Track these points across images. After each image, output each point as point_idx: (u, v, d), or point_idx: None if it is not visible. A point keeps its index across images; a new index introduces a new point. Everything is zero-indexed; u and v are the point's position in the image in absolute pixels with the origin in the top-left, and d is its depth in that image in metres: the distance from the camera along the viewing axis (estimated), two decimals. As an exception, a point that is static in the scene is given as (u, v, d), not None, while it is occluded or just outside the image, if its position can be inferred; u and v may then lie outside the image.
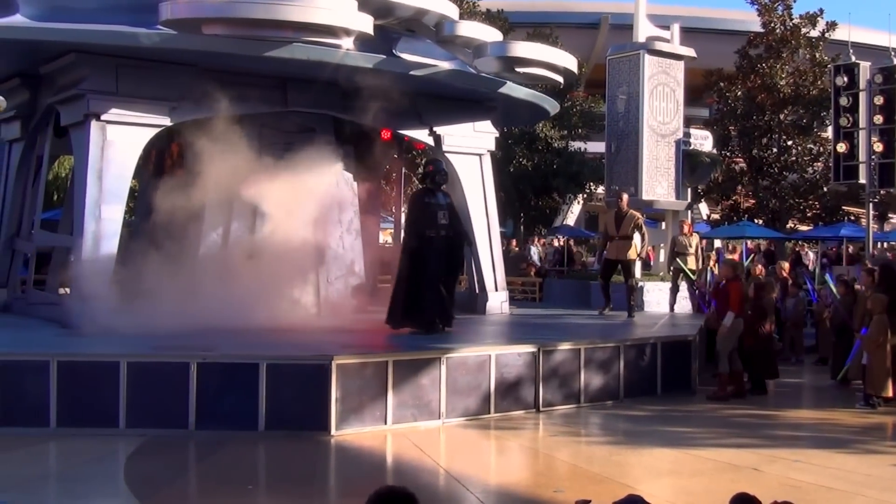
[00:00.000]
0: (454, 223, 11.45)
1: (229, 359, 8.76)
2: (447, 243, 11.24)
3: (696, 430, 9.31)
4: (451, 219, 11.39)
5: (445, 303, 11.26)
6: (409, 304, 11.07)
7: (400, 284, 11.22)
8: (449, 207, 11.44)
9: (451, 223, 11.34)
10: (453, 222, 11.42)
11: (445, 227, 11.21)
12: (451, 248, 11.34)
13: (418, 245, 11.07)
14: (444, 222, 11.20)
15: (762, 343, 11.74)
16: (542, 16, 35.08)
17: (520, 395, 9.84)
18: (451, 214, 11.41)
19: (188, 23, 10.69)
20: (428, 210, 11.18)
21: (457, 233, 11.48)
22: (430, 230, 11.08)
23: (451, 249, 11.34)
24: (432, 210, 11.19)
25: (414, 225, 11.29)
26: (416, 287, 11.03)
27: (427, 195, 11.40)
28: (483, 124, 14.70)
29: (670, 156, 17.37)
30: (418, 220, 11.23)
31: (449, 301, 11.37)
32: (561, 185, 28.75)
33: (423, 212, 11.20)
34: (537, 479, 7.66)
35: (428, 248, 11.04)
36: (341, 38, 10.90)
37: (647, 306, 15.88)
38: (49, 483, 7.33)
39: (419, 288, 11.03)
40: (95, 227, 11.29)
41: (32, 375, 8.39)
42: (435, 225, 11.12)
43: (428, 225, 11.10)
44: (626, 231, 14.30)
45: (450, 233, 11.29)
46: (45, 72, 12.31)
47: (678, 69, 17.59)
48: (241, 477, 7.42)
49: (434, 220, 11.13)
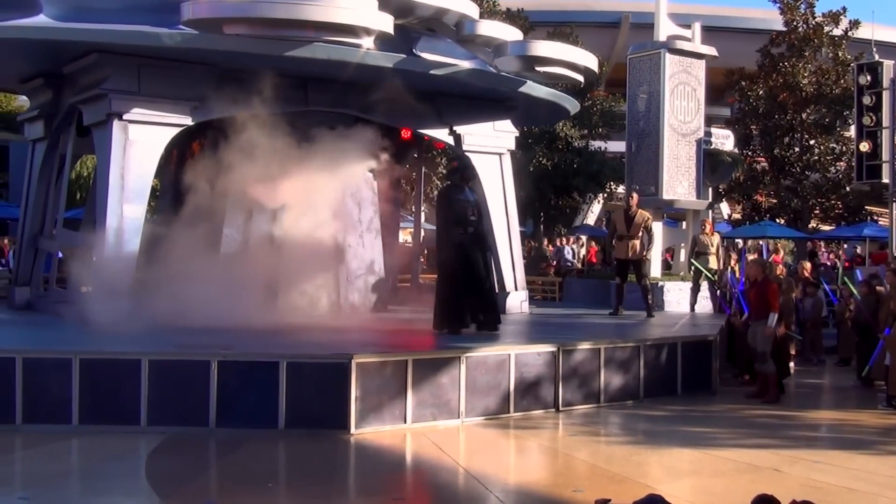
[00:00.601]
0: (481, 220, 11.41)
1: (250, 357, 8.80)
2: (476, 240, 11.19)
3: (716, 431, 9.26)
4: (479, 216, 11.35)
5: (490, 302, 11.24)
6: (456, 305, 10.99)
7: (444, 286, 11.13)
8: (476, 204, 11.40)
9: (478, 220, 11.29)
10: (480, 220, 11.39)
11: (475, 223, 11.15)
12: (481, 246, 11.30)
13: (454, 243, 11.00)
14: (474, 219, 11.14)
15: (778, 343, 11.66)
16: (563, 15, 35.06)
17: (539, 394, 9.83)
18: (478, 212, 11.36)
19: (210, 23, 10.75)
20: (458, 206, 11.13)
21: (482, 230, 11.41)
22: (461, 227, 11.02)
23: (481, 247, 11.30)
24: (462, 206, 11.14)
25: (447, 222, 11.18)
26: (460, 287, 10.97)
27: (456, 191, 11.35)
28: (503, 123, 14.70)
29: (691, 155, 17.30)
30: (449, 218, 11.14)
31: (493, 300, 11.35)
32: (581, 184, 28.65)
33: (455, 209, 11.12)
34: (556, 478, 7.64)
35: (461, 246, 10.99)
36: (362, 37, 10.93)
37: (667, 306, 15.83)
38: (71, 480, 7.38)
39: (462, 288, 10.97)
40: (117, 226, 11.37)
41: (55, 373, 8.44)
42: (465, 222, 11.07)
43: (459, 222, 11.04)
44: (636, 231, 14.25)
45: (479, 229, 11.24)
46: (68, 72, 12.41)
47: (699, 68, 17.51)
48: (261, 475, 7.44)
49: (465, 217, 11.08)
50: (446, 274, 11.11)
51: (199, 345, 9.20)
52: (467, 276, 10.98)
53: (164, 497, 6.54)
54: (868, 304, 12.52)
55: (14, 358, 8.50)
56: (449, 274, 11.05)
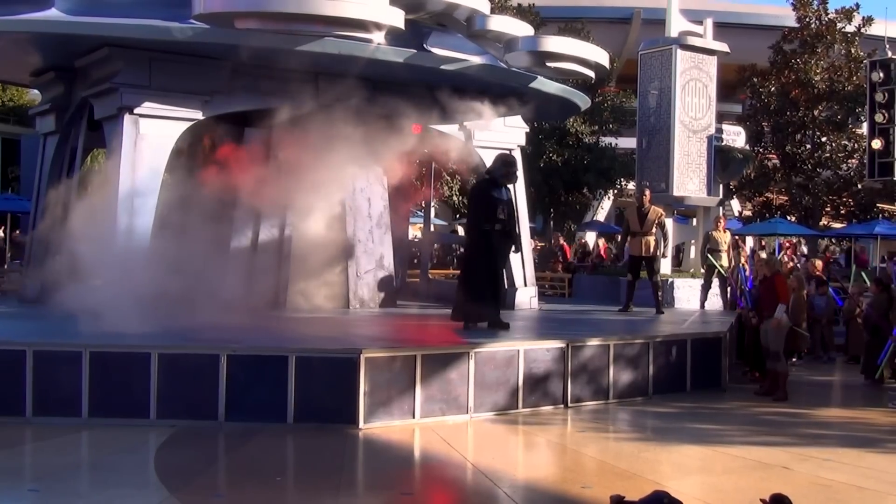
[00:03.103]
0: (511, 220, 11.32)
1: (258, 351, 8.81)
2: (502, 238, 11.16)
3: (725, 428, 9.25)
4: (509, 216, 11.25)
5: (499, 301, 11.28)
6: (478, 300, 10.96)
7: (468, 279, 11.17)
8: (508, 204, 11.32)
9: (508, 219, 11.21)
10: (510, 220, 11.30)
11: (503, 222, 11.09)
12: (504, 244, 11.27)
13: (485, 239, 10.99)
14: (503, 217, 11.08)
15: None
16: (574, 10, 34.89)
17: (548, 390, 9.82)
18: (509, 212, 11.27)
19: (221, 17, 10.75)
20: (493, 202, 11.09)
21: (509, 230, 11.32)
22: (490, 224, 10.99)
23: (504, 245, 11.28)
24: (494, 203, 11.09)
25: (478, 218, 11.16)
26: (483, 283, 10.97)
27: (492, 187, 11.26)
28: (513, 119, 14.67)
29: (702, 151, 17.26)
30: (480, 213, 11.12)
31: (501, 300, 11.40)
32: (591, 180, 28.62)
33: (489, 204, 11.07)
34: (565, 474, 7.64)
35: (488, 241, 10.97)
36: (372, 32, 10.91)
37: (677, 303, 15.80)
38: (80, 472, 7.41)
39: (485, 284, 10.97)
40: (128, 220, 11.39)
41: (65, 366, 8.48)
42: (495, 219, 11.03)
43: (490, 218, 11.01)
44: (649, 227, 14.21)
45: (506, 228, 11.17)
46: (80, 65, 12.44)
47: (711, 64, 17.47)
48: (269, 469, 7.46)
49: (495, 214, 11.04)
50: (472, 268, 11.15)
51: (209, 339, 9.22)
52: (491, 273, 11.01)
53: (174, 490, 6.56)
54: (878, 303, 12.47)
55: (25, 350, 8.54)
56: (475, 269, 11.08)
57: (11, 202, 26.86)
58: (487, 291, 10.99)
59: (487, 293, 10.98)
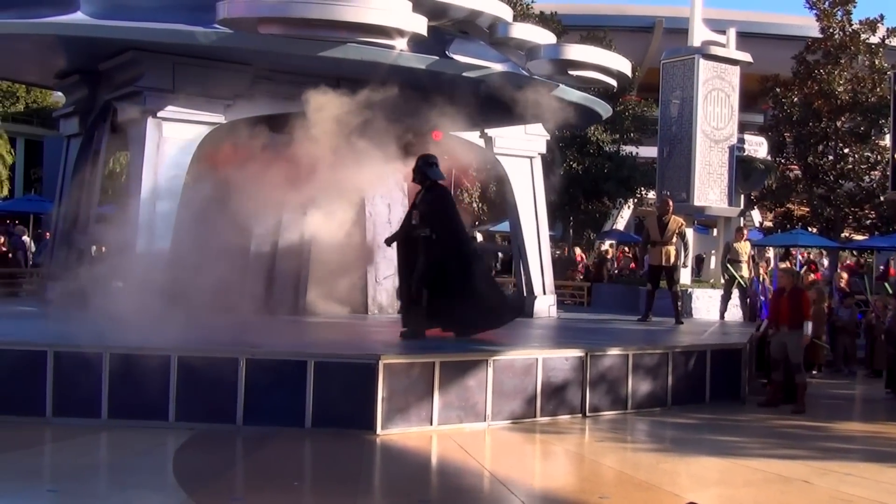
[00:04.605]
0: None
1: (277, 355, 8.83)
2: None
3: (745, 440, 9.18)
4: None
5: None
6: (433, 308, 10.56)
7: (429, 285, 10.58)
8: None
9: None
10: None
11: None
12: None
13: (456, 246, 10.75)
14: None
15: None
16: (596, 18, 34.94)
17: (566, 399, 9.79)
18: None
19: (244, 22, 10.80)
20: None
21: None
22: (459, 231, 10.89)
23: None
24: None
25: (454, 223, 10.87)
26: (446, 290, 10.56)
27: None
28: (534, 127, 14.65)
29: (723, 161, 17.20)
30: (454, 219, 10.88)
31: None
32: (611, 189, 28.56)
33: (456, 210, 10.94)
34: (582, 484, 7.60)
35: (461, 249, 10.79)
36: (395, 38, 10.93)
37: (696, 313, 15.73)
38: (99, 473, 7.45)
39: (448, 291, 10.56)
40: (150, 223, 11.45)
41: (86, 367, 8.51)
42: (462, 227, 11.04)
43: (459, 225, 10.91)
44: (669, 237, 14.16)
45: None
46: (104, 69, 12.52)
47: (734, 74, 17.41)
48: (287, 473, 7.47)
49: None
50: (435, 275, 10.51)
51: (228, 342, 9.25)
52: (461, 279, 10.60)
53: (191, 493, 6.57)
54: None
55: (45, 351, 8.59)
56: (449, 276, 10.51)
57: (34, 203, 27.11)
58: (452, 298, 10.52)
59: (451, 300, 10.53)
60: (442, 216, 10.66)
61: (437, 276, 10.46)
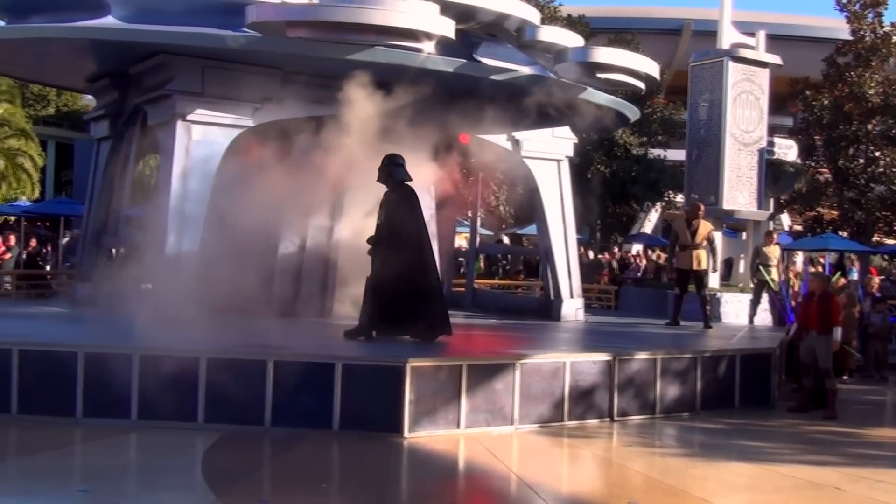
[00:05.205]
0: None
1: (305, 358, 8.86)
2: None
3: (774, 446, 9.10)
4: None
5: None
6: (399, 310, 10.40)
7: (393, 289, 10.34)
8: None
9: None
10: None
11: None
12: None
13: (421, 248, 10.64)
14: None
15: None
16: (624, 21, 34.84)
17: (594, 403, 9.75)
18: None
19: (273, 25, 10.85)
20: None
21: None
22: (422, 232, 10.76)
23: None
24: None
25: (419, 224, 10.70)
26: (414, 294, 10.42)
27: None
28: (562, 130, 14.62)
29: (753, 165, 17.06)
30: (420, 219, 10.74)
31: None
32: (639, 192, 28.45)
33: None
34: (610, 489, 7.57)
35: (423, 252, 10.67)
36: (423, 41, 10.94)
37: (724, 318, 15.61)
38: (129, 474, 7.50)
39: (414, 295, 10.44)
40: (179, 224, 11.52)
41: (115, 368, 8.57)
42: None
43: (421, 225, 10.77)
44: (700, 241, 14.07)
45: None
46: (134, 72, 12.62)
47: (763, 77, 17.27)
48: (314, 475, 7.49)
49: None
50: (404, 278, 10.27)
51: (256, 344, 9.29)
52: (426, 283, 10.54)
53: (220, 494, 6.60)
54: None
55: (76, 352, 8.66)
56: (408, 279, 10.30)
57: (65, 205, 27.36)
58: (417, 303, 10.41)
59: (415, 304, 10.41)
60: (405, 217, 10.50)
61: (395, 281, 10.23)
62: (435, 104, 12.15)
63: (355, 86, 10.77)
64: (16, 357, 8.69)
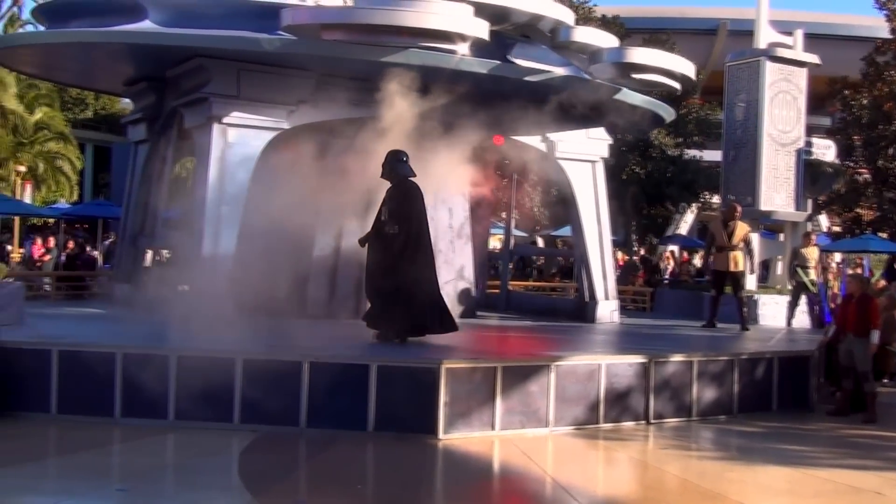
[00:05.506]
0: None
1: (340, 359, 8.89)
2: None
3: (813, 450, 9.00)
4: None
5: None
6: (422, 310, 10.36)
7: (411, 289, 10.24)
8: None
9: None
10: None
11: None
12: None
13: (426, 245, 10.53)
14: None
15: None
16: (659, 21, 34.63)
17: (629, 405, 9.69)
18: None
19: (308, 28, 10.90)
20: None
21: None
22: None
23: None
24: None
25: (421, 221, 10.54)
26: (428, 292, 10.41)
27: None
28: (597, 131, 14.56)
29: (790, 165, 16.90)
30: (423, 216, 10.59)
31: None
32: (674, 193, 28.26)
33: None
34: (646, 492, 7.52)
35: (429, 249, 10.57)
36: (457, 43, 10.93)
37: (761, 320, 15.45)
38: (166, 473, 7.57)
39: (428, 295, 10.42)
40: (215, 226, 11.61)
41: (153, 369, 8.65)
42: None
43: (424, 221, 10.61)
44: (736, 242, 13.94)
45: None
46: (171, 76, 12.73)
47: (801, 76, 17.10)
48: (350, 476, 7.51)
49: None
50: (418, 277, 10.25)
51: (292, 346, 9.33)
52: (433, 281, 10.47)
53: (256, 494, 6.64)
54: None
55: (115, 353, 8.76)
56: (419, 278, 10.27)
57: (103, 208, 27.68)
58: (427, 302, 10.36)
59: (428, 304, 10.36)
60: (409, 213, 10.38)
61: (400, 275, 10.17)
62: (468, 106, 12.13)
63: (390, 87, 10.78)
64: (55, 357, 8.80)
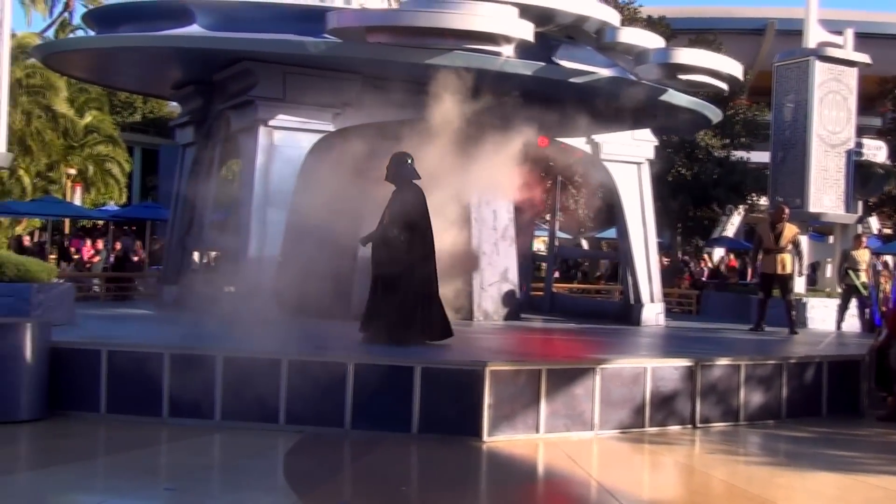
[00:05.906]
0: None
1: (385, 361, 8.90)
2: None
3: (864, 455, 8.83)
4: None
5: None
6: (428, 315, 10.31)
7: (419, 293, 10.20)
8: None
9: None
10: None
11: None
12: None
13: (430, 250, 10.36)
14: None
15: None
16: (705, 21, 34.33)
17: (675, 409, 9.59)
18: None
19: (353, 31, 10.97)
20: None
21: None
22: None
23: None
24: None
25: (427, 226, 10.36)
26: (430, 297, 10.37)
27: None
28: (642, 132, 14.47)
29: (840, 167, 16.65)
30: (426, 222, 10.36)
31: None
32: (721, 195, 27.96)
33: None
34: (693, 497, 7.43)
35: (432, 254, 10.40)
36: (502, 45, 10.93)
37: (810, 323, 15.25)
38: (213, 473, 7.63)
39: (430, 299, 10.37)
40: (261, 229, 11.71)
41: (199, 370, 8.73)
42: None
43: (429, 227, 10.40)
44: (785, 244, 13.74)
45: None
46: (218, 79, 12.88)
47: (851, 76, 16.85)
48: (394, 477, 7.51)
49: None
50: (424, 280, 10.21)
51: (337, 347, 9.37)
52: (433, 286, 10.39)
53: (301, 495, 6.66)
54: None
55: (162, 354, 8.85)
56: (426, 281, 10.23)
57: (151, 210, 28.08)
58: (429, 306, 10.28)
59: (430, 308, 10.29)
60: (412, 216, 10.18)
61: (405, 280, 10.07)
62: (513, 108, 12.13)
63: (436, 90, 10.79)
64: (104, 357, 8.92)
